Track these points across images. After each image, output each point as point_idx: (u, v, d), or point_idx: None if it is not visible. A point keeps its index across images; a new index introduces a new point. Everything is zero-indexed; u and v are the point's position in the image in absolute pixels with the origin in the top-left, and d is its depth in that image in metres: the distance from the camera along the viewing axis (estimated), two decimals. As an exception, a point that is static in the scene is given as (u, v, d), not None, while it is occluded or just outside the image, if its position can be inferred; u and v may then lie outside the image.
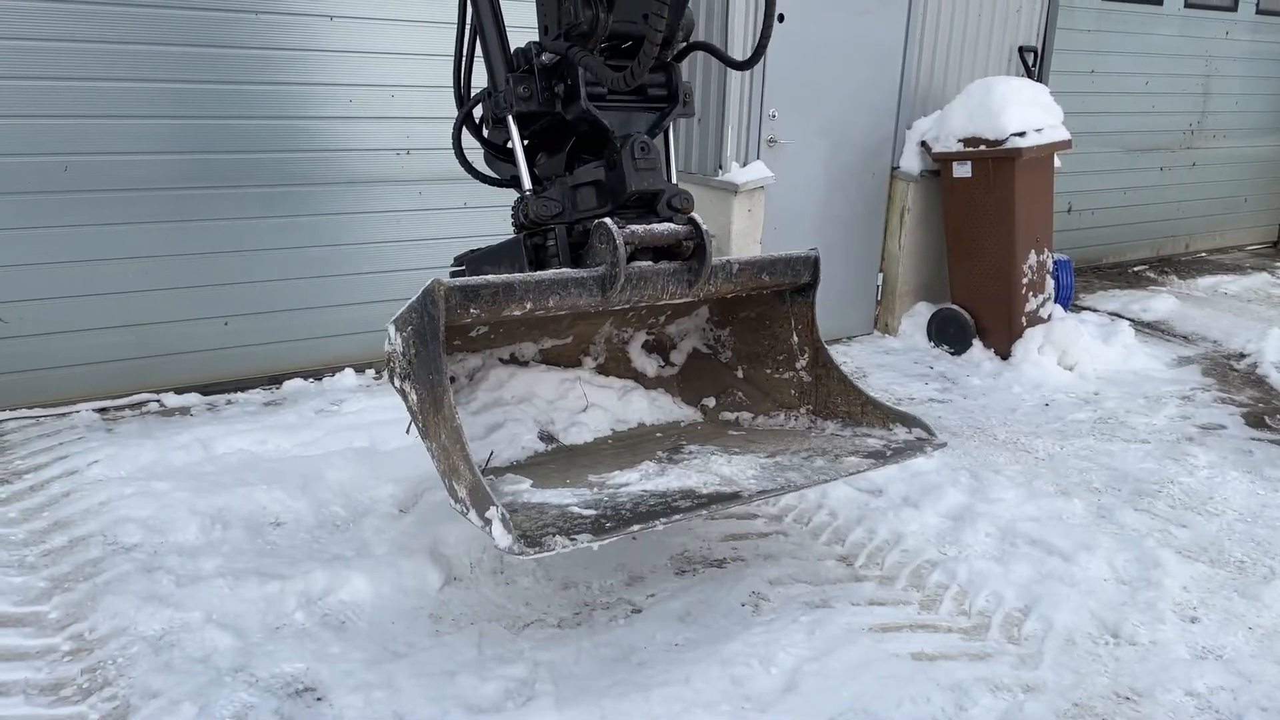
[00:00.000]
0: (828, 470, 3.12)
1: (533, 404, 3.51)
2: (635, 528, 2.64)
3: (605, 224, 2.89)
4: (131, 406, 4.80)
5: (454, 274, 3.46)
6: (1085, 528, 3.84)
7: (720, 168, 5.67)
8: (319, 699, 2.70)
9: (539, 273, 2.87)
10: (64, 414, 4.62)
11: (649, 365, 3.83)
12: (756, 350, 3.74)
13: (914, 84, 6.27)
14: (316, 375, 5.26)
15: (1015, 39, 6.69)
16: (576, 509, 2.79)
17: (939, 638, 3.11)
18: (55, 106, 4.40)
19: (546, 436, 3.45)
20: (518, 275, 2.81)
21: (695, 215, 3.09)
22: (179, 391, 4.94)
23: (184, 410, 4.79)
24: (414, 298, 2.70)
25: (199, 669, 2.77)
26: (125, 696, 2.67)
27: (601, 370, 3.73)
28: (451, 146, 3.58)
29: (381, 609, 3.13)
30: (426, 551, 3.37)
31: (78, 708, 2.64)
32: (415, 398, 2.81)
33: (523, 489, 3.01)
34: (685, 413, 3.78)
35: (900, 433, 3.39)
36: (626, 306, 3.11)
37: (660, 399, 3.78)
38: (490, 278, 2.76)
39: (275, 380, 5.19)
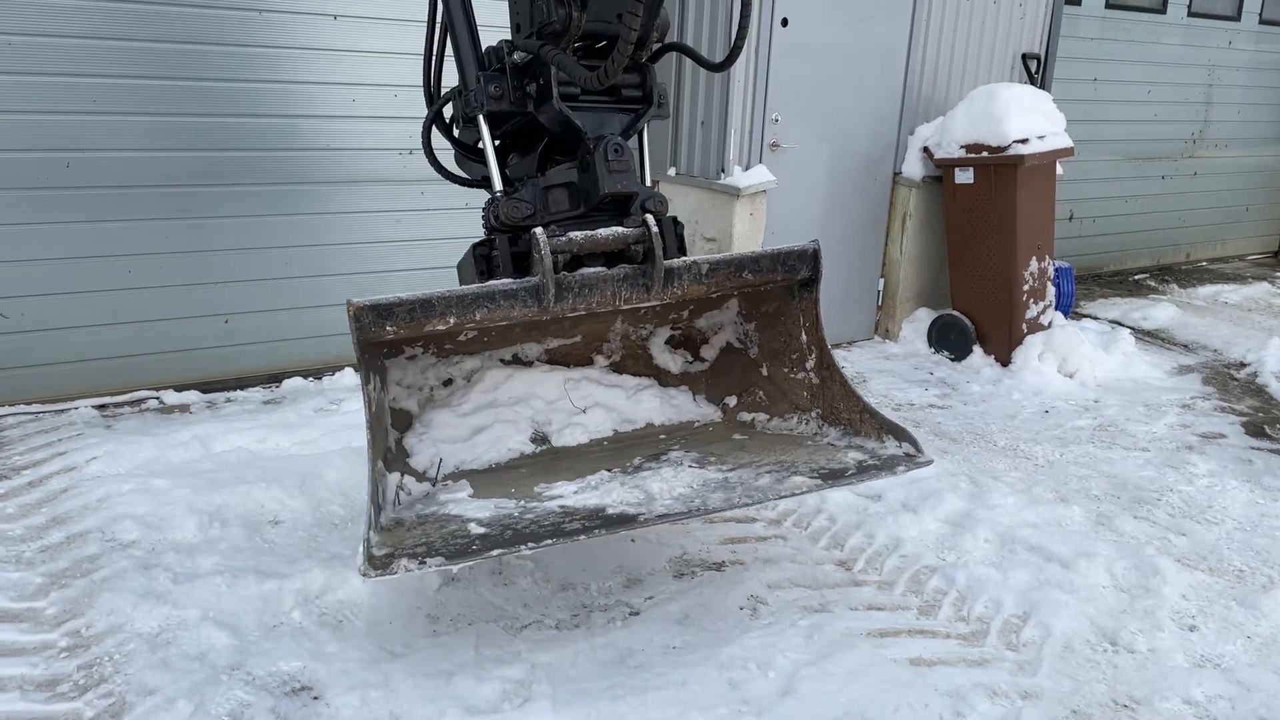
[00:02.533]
0: (763, 491, 2.94)
1: (529, 405, 3.46)
2: (495, 552, 2.60)
3: (534, 234, 2.86)
4: (131, 403, 4.80)
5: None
6: (1084, 535, 3.83)
7: (723, 171, 5.67)
8: (315, 698, 2.70)
9: (462, 287, 2.84)
10: (63, 410, 4.62)
11: (674, 362, 3.69)
12: (775, 347, 3.55)
13: (917, 90, 6.27)
14: (316, 374, 5.26)
15: (1018, 46, 6.70)
16: (474, 526, 2.79)
17: (937, 643, 3.10)
18: (57, 103, 4.40)
19: (540, 438, 3.42)
20: (437, 290, 2.79)
21: (649, 217, 2.98)
22: (178, 389, 4.94)
23: (183, 408, 4.79)
24: None
25: (195, 666, 2.77)
26: (121, 693, 2.66)
27: (617, 368, 3.64)
28: (421, 146, 3.55)
29: (379, 608, 3.13)
30: (425, 551, 3.36)
31: (73, 704, 2.63)
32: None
33: (456, 498, 3.00)
34: (702, 412, 3.64)
35: (891, 446, 3.18)
36: (581, 313, 3.04)
37: (678, 398, 3.65)
38: (405, 294, 2.75)
39: (275, 379, 5.19)
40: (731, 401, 3.65)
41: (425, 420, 3.40)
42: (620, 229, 2.98)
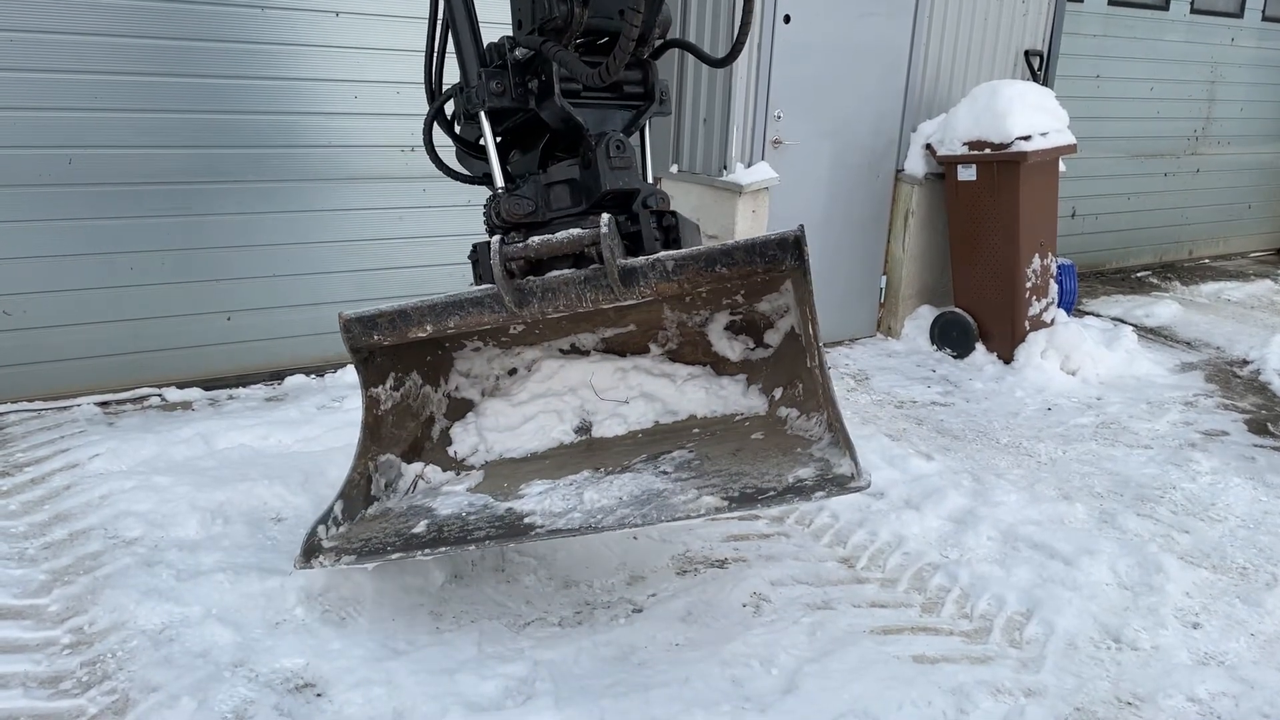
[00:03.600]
0: (667, 511, 2.76)
1: (579, 395, 3.49)
2: (395, 555, 2.81)
3: (486, 244, 2.92)
4: (133, 400, 4.80)
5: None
6: (1087, 532, 3.83)
7: (725, 168, 5.66)
8: (319, 695, 2.70)
9: (435, 295, 2.99)
10: (65, 407, 4.62)
11: (733, 349, 3.51)
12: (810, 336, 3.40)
13: (919, 86, 6.26)
14: (318, 371, 5.26)
15: (1021, 42, 6.69)
16: (421, 523, 2.95)
17: (940, 640, 3.10)
18: (60, 99, 4.40)
19: (583, 428, 3.44)
20: (412, 302, 2.98)
21: (604, 216, 2.88)
22: (181, 386, 4.94)
23: (185, 405, 4.79)
24: None
25: (199, 663, 2.77)
26: (124, 690, 2.66)
27: (674, 356, 3.55)
28: (423, 143, 3.56)
29: (382, 605, 3.13)
30: (427, 548, 3.36)
31: (77, 701, 2.63)
32: None
33: (454, 490, 3.15)
34: (749, 404, 3.45)
35: (846, 464, 2.82)
36: (556, 316, 3.07)
37: (729, 388, 3.48)
38: (386, 306, 2.97)
39: (277, 376, 5.19)
40: (778, 394, 3.39)
41: (481, 409, 3.49)
42: (576, 230, 2.93)
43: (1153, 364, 6.07)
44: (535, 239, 2.93)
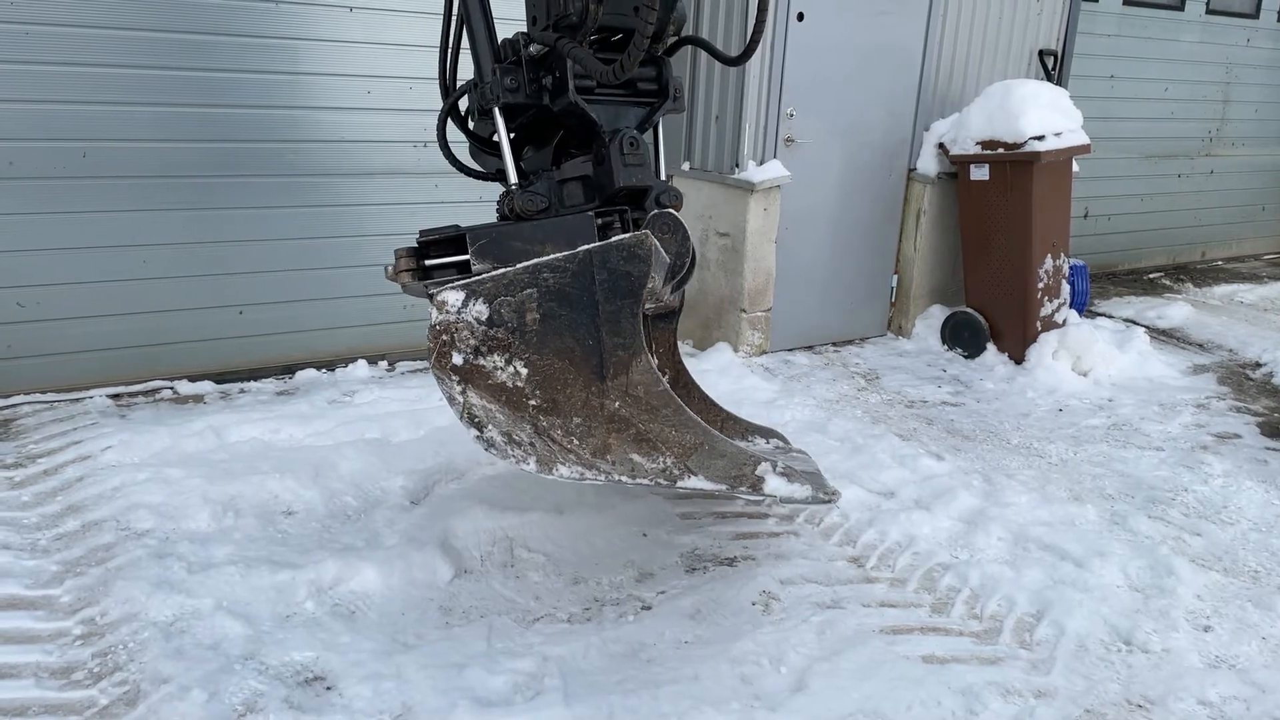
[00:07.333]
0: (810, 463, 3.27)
1: None
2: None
3: (672, 214, 2.98)
4: (145, 393, 4.82)
5: (413, 250, 3.35)
6: (1098, 534, 3.81)
7: (737, 166, 5.65)
8: (328, 688, 2.70)
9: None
10: (78, 399, 4.64)
11: None
12: None
13: (932, 85, 6.24)
14: (329, 365, 5.28)
15: (1035, 42, 6.66)
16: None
17: (950, 641, 3.09)
18: (74, 92, 4.41)
19: None
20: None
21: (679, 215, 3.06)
22: (192, 379, 4.96)
23: (197, 398, 4.81)
24: (559, 256, 2.61)
25: (209, 656, 2.78)
26: (135, 681, 2.67)
27: None
28: (436, 138, 3.56)
29: (391, 600, 3.13)
30: (437, 543, 3.37)
31: (88, 692, 2.64)
32: (525, 373, 2.54)
33: None
34: None
35: (760, 443, 3.44)
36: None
37: None
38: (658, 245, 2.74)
39: (288, 370, 5.21)
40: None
41: None
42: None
43: (1165, 366, 6.04)
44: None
